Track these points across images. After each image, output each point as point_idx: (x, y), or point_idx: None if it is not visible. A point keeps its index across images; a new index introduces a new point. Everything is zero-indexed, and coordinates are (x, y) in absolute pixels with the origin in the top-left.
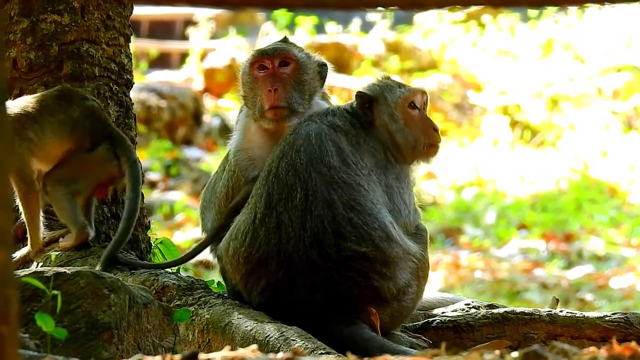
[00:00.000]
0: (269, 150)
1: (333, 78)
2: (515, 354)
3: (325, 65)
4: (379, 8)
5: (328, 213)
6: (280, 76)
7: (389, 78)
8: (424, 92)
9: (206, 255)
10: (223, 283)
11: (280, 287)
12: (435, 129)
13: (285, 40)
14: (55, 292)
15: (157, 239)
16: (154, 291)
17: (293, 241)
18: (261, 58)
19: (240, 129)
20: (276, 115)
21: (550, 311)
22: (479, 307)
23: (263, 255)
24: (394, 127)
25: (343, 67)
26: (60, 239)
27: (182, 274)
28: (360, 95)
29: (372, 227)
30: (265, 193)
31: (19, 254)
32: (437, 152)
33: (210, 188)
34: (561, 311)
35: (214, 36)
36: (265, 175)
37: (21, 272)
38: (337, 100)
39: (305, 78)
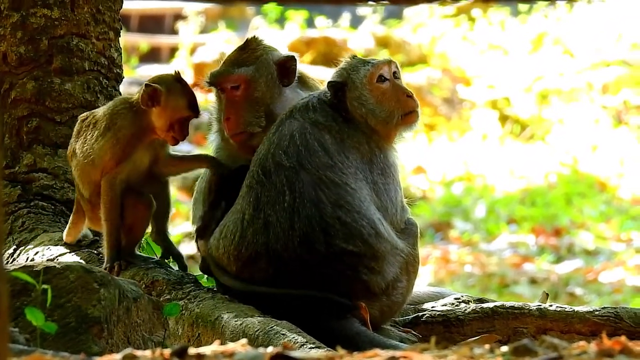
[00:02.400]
0: (249, 149)
1: (322, 72)
2: (505, 348)
3: (292, 57)
4: (370, 2)
5: (316, 213)
6: (233, 101)
7: (354, 57)
8: (390, 61)
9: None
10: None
11: (271, 284)
12: (409, 95)
13: (249, 42)
14: (45, 286)
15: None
16: (144, 285)
17: (282, 241)
18: (213, 85)
19: (218, 130)
20: (236, 141)
21: (540, 305)
22: (468, 301)
23: (252, 254)
24: (363, 111)
25: (333, 61)
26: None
27: (172, 268)
28: (331, 85)
29: (361, 224)
30: (254, 194)
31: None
32: (417, 117)
33: (201, 179)
34: (551, 305)
35: (204, 30)
36: (252, 175)
37: (11, 267)
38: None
39: (256, 95)
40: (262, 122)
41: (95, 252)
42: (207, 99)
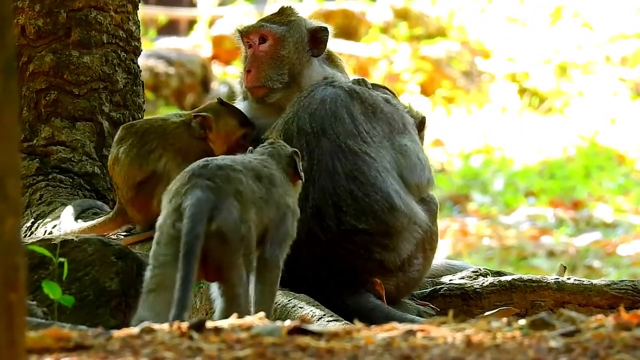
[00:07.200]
0: (274, 118)
1: (341, 45)
2: (522, 321)
3: (325, 28)
4: None
5: (330, 184)
6: (258, 55)
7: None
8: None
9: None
10: None
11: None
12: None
13: (284, 9)
14: (62, 259)
15: None
16: None
17: None
18: (242, 37)
19: (243, 93)
20: (254, 95)
21: (558, 278)
22: (486, 274)
23: None
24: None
25: (351, 34)
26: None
27: None
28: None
29: (374, 199)
30: None
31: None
32: None
33: None
34: (569, 278)
35: (222, 3)
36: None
37: (28, 240)
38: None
39: (283, 53)
40: (283, 79)
41: None
42: (225, 72)
